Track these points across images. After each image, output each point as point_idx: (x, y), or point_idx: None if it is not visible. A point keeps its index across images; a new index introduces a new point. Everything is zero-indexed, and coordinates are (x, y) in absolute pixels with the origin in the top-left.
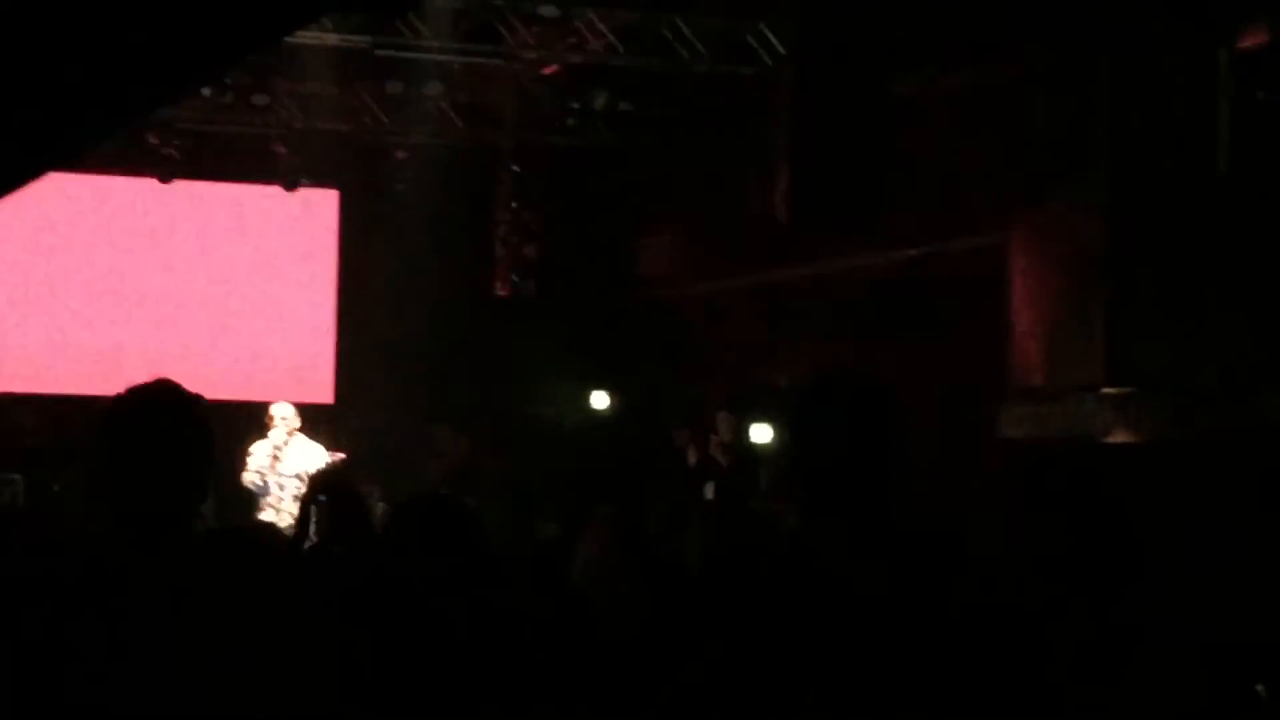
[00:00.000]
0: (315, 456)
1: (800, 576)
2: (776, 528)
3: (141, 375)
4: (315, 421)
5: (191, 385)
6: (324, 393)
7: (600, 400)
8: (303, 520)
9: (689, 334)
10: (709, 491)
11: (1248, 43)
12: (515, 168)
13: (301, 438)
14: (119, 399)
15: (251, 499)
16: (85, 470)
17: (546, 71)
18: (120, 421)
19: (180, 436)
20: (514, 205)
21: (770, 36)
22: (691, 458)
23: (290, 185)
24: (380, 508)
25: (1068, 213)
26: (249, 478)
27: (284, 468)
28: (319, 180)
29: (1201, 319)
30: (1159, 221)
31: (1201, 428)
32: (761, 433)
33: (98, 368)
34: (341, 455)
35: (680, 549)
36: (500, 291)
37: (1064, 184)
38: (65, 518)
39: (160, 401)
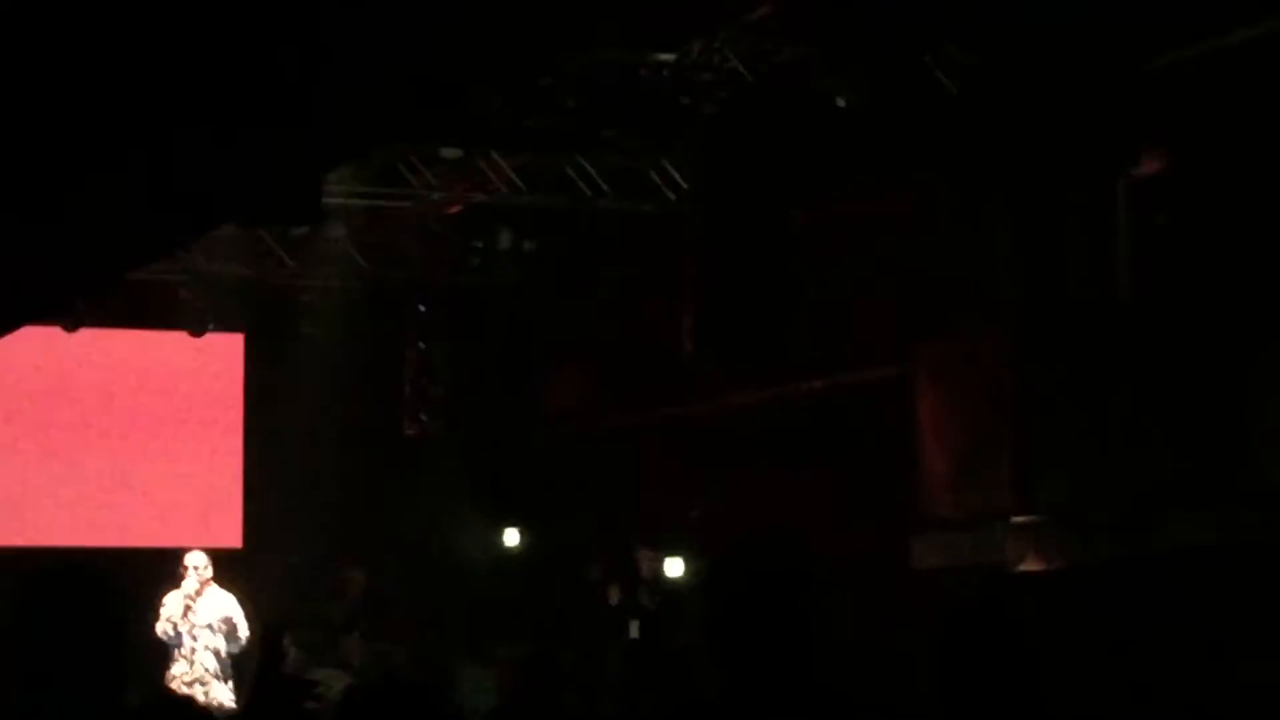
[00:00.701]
0: (228, 605)
1: None
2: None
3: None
4: (226, 566)
5: (98, 532)
6: (232, 537)
7: (512, 537)
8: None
9: (600, 469)
10: (634, 630)
11: (1145, 170)
12: (421, 307)
13: (214, 587)
14: (28, 585)
15: (164, 649)
16: None
17: (450, 211)
18: (32, 610)
19: (93, 624)
20: (420, 345)
21: (672, 173)
22: (614, 597)
23: (196, 331)
24: (293, 652)
25: (972, 342)
26: (162, 628)
27: (197, 618)
28: (224, 324)
29: (1108, 444)
30: (1063, 349)
31: (1110, 554)
32: (676, 567)
33: (3, 516)
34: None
35: (595, 690)
36: (409, 430)
37: (967, 313)
38: None
39: (71, 588)
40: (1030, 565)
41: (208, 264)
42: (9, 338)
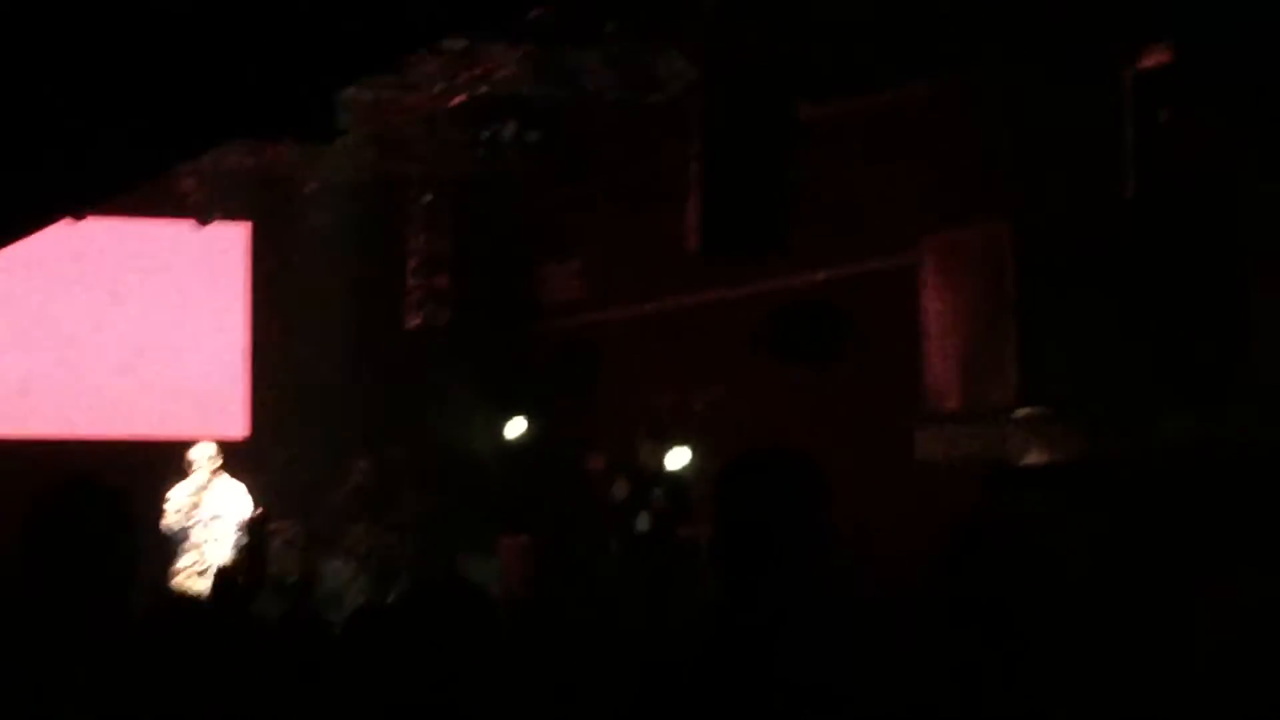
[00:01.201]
0: (237, 496)
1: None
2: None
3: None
4: (231, 458)
5: (102, 423)
6: (237, 427)
7: (515, 428)
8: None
9: (601, 360)
10: (642, 522)
11: (1150, 62)
12: (426, 198)
13: (225, 477)
14: (40, 500)
15: (171, 544)
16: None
17: (454, 102)
18: (43, 524)
19: (103, 537)
20: (424, 236)
21: (679, 64)
22: (621, 491)
23: (201, 220)
24: (301, 541)
25: (978, 236)
26: (168, 522)
27: (203, 512)
28: (229, 214)
29: (1112, 339)
30: (1068, 244)
31: (1113, 449)
32: (679, 457)
33: (10, 408)
34: (260, 510)
35: (598, 580)
36: (412, 322)
37: (973, 207)
38: None
39: (81, 502)
40: (1033, 459)
41: (212, 154)
42: None
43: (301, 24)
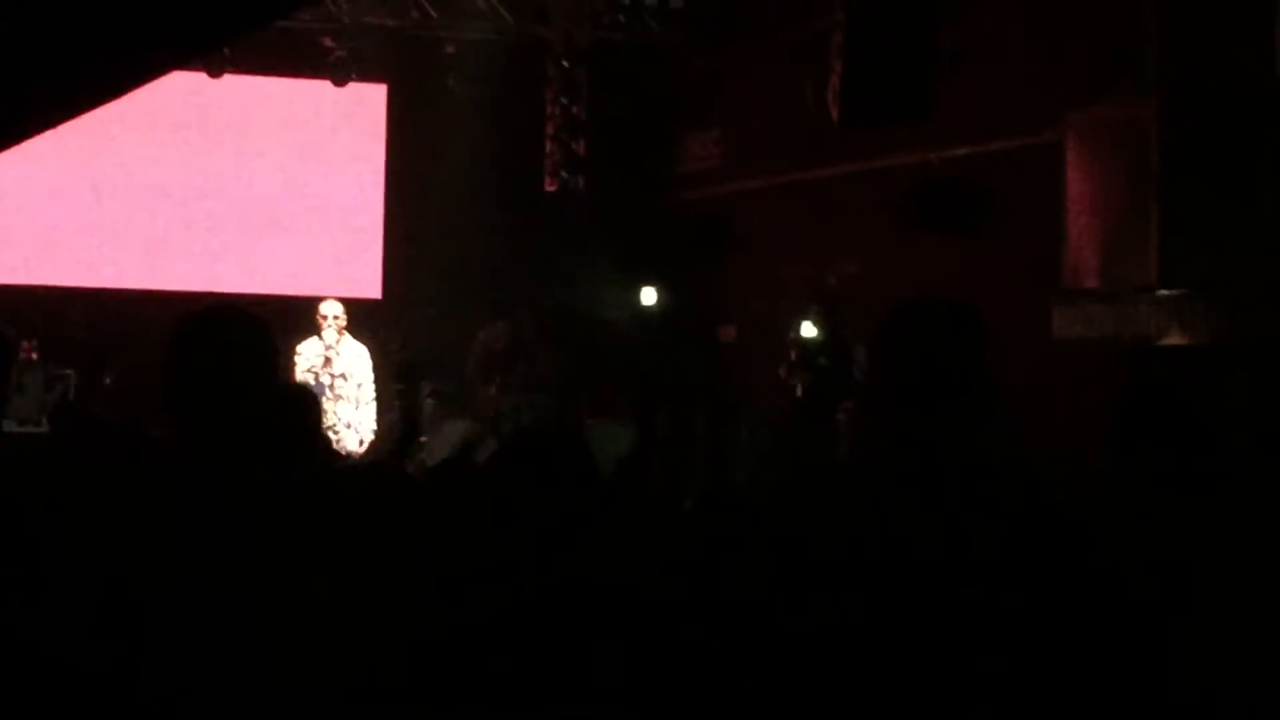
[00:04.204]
0: (362, 356)
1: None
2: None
3: (188, 269)
4: (362, 318)
5: (238, 280)
6: (371, 288)
7: (649, 297)
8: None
9: (735, 231)
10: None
11: None
12: (564, 63)
13: (348, 337)
14: (194, 317)
15: None
16: (136, 364)
17: None
18: (196, 337)
19: (252, 353)
20: (562, 100)
21: None
22: (783, 372)
23: (339, 80)
24: (429, 405)
25: (1122, 112)
26: (302, 376)
27: (334, 368)
28: (368, 75)
29: (1256, 220)
30: (1213, 123)
31: (1255, 331)
32: (811, 330)
33: (146, 261)
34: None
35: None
36: (549, 186)
37: (1118, 83)
38: (119, 412)
39: (232, 320)
40: (1173, 339)
41: (352, 14)
42: (154, 82)
43: None
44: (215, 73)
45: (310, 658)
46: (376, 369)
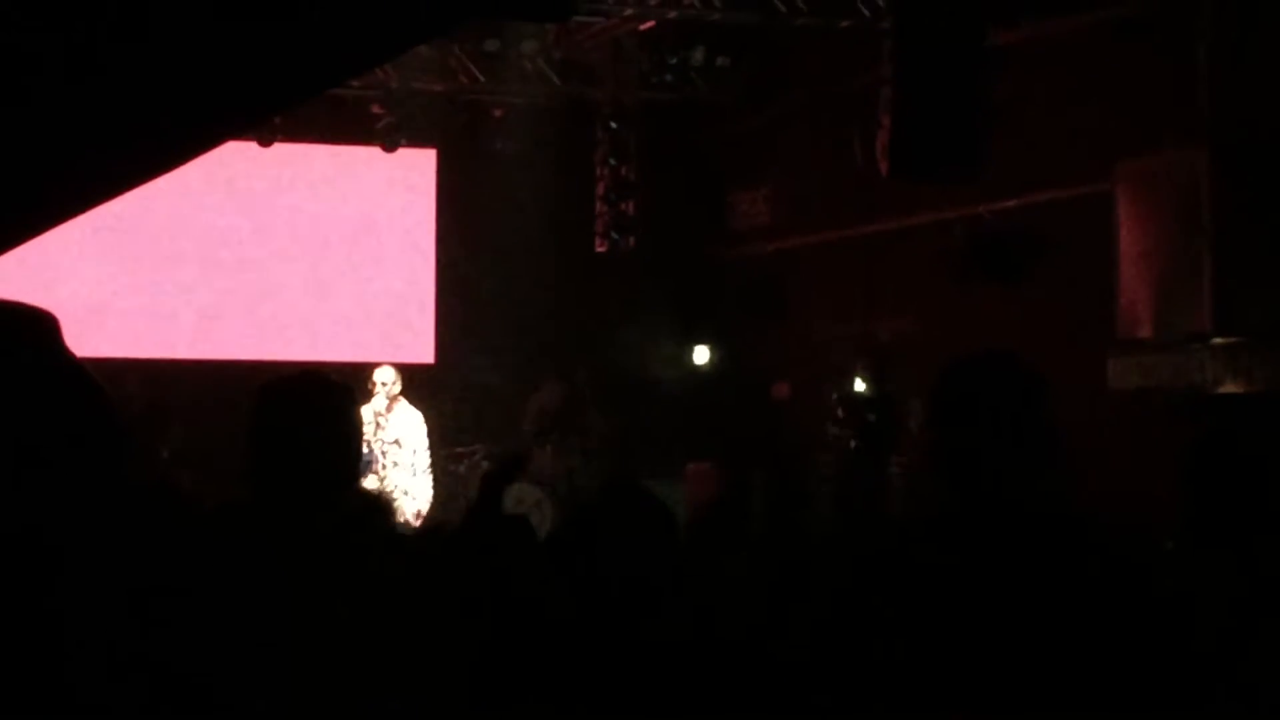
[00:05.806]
0: (415, 422)
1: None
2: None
3: (243, 339)
4: (416, 383)
5: (291, 348)
6: (424, 353)
7: (701, 355)
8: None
9: (786, 288)
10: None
11: None
12: (613, 124)
13: (403, 402)
14: (275, 384)
15: None
16: (191, 436)
17: (643, 28)
18: (280, 405)
19: (335, 421)
20: (611, 162)
21: None
22: (833, 429)
23: (389, 146)
24: (484, 466)
25: (1173, 161)
26: None
27: (385, 434)
28: (417, 140)
29: None
30: (1266, 169)
31: None
32: (860, 384)
33: (200, 332)
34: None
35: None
36: (600, 248)
37: (1168, 131)
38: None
39: (316, 387)
40: (1229, 387)
41: (400, 79)
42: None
43: None
44: (265, 141)
45: None
46: (431, 434)
